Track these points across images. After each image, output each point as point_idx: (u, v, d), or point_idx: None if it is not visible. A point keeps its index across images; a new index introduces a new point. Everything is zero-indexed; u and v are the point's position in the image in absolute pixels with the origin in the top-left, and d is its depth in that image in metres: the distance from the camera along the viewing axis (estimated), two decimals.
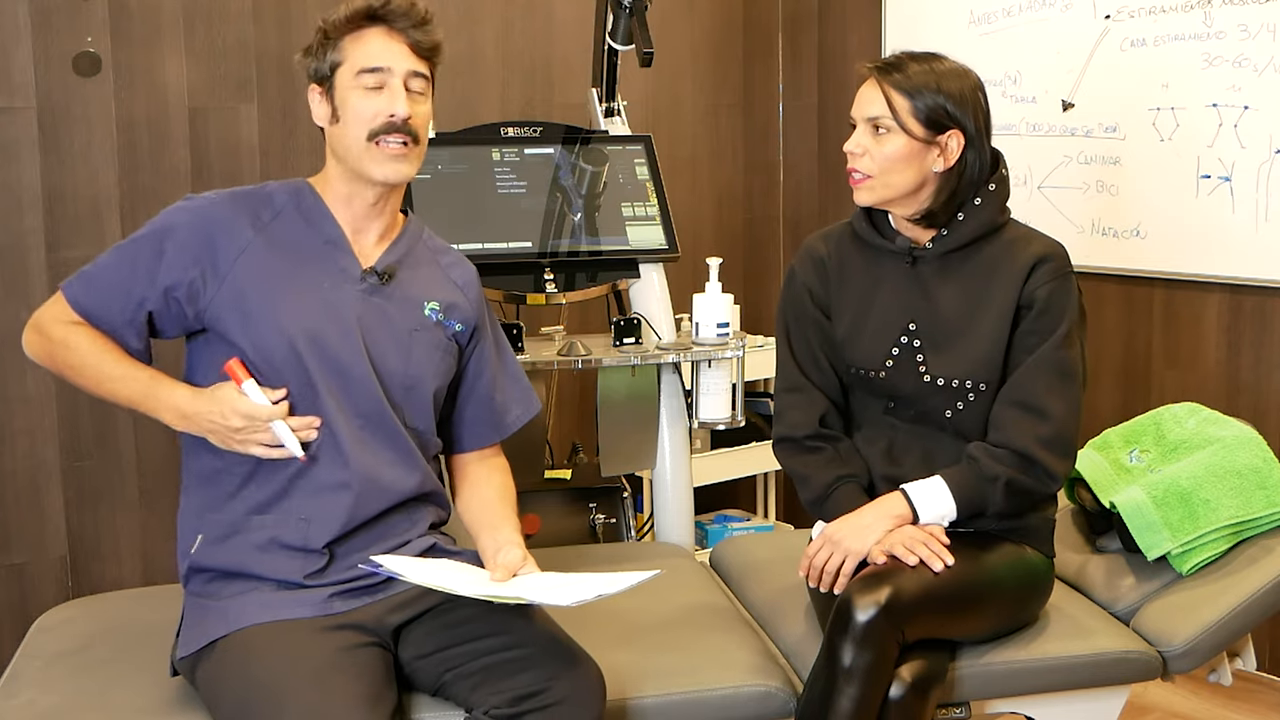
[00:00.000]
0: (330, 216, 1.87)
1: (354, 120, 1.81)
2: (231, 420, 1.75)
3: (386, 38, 1.82)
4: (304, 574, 1.78)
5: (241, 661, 1.70)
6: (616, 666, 1.85)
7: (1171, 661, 2.04)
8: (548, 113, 3.47)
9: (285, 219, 1.86)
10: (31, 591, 2.94)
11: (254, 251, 1.81)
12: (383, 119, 1.80)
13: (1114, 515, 2.17)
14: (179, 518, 1.86)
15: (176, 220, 1.83)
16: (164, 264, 1.80)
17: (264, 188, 1.89)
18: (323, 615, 1.76)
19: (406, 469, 1.87)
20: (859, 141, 1.99)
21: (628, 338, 2.63)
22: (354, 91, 1.81)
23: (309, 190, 1.89)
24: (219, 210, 1.83)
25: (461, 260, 2.03)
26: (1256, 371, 2.93)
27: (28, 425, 2.91)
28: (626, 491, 2.79)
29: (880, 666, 1.81)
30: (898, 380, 2.04)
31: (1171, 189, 3.01)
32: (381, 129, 1.80)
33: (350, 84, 1.81)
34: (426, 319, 1.90)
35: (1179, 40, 2.96)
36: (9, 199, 2.86)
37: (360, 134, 1.81)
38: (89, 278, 1.84)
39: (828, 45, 3.90)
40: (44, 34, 2.86)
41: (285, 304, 1.80)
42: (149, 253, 1.81)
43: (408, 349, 1.88)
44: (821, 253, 2.12)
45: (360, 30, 1.82)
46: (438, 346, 1.91)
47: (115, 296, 1.81)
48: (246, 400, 1.75)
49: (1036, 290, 1.98)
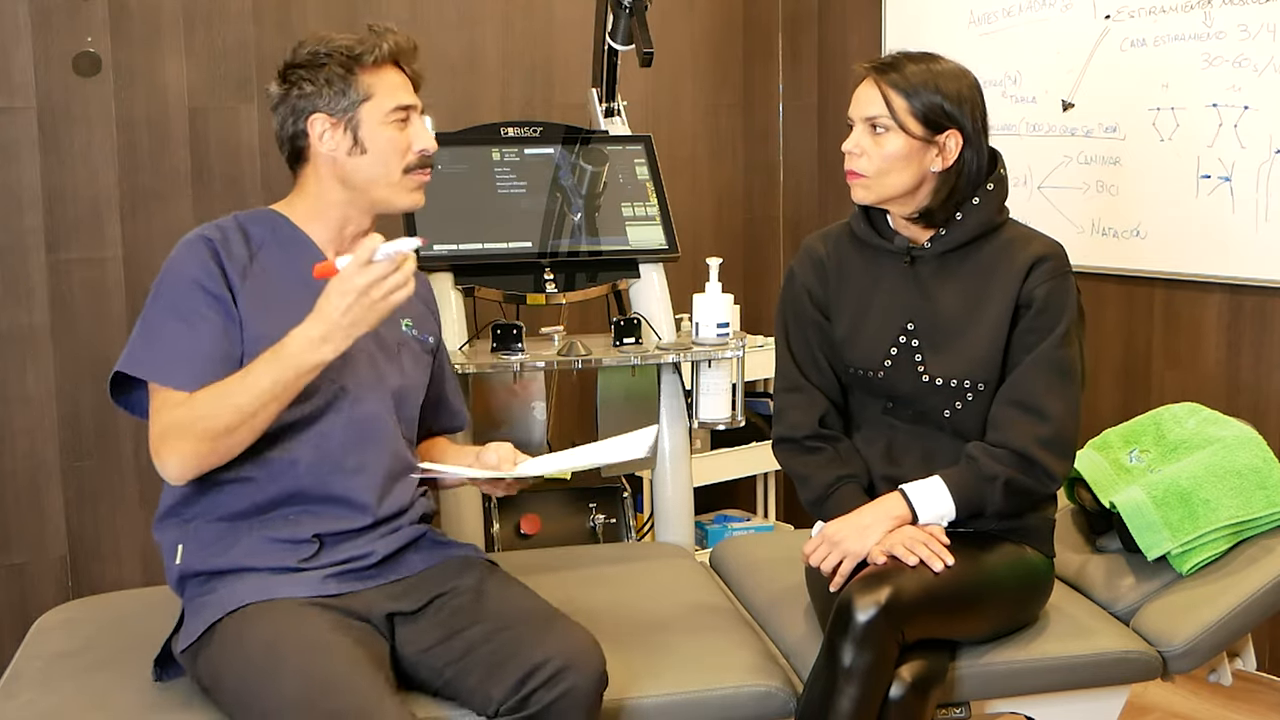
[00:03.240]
0: (312, 245, 1.90)
1: (390, 154, 1.87)
2: (369, 292, 1.67)
3: (402, 76, 1.90)
4: (297, 560, 1.81)
5: (237, 640, 1.71)
6: (616, 666, 1.85)
7: (1171, 661, 2.04)
8: (548, 113, 3.47)
9: (267, 251, 1.88)
10: (31, 591, 2.94)
11: (253, 278, 1.84)
12: (416, 154, 1.89)
13: (1114, 515, 2.17)
14: (156, 533, 1.87)
15: (185, 269, 1.82)
16: (209, 297, 1.79)
17: (233, 221, 1.89)
18: (318, 596, 1.78)
19: (403, 478, 1.93)
20: (857, 141, 1.99)
21: (628, 338, 2.63)
22: (387, 127, 1.86)
23: (284, 221, 1.91)
24: (210, 242, 1.83)
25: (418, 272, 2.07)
26: (1256, 371, 2.93)
27: (28, 425, 2.91)
28: (626, 491, 2.79)
29: (880, 667, 1.81)
30: (896, 380, 2.04)
31: (1171, 189, 3.01)
32: (417, 163, 1.89)
33: (381, 119, 1.86)
34: (405, 335, 1.98)
35: (1179, 40, 2.96)
36: (9, 199, 2.86)
37: (395, 167, 1.87)
38: (176, 354, 1.77)
39: (828, 45, 3.90)
40: (44, 34, 2.86)
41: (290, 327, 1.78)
42: (189, 298, 1.79)
43: (400, 363, 1.95)
44: (820, 253, 2.13)
45: (380, 68, 1.87)
46: (419, 360, 2.01)
47: (210, 350, 1.78)
48: (355, 269, 1.67)
49: (1035, 290, 1.98)
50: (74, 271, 2.94)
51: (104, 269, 2.97)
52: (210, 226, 1.87)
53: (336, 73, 1.85)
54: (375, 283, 1.67)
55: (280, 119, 1.89)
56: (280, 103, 1.88)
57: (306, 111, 1.86)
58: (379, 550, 1.85)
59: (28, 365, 2.90)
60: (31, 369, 2.90)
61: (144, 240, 3.00)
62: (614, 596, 2.18)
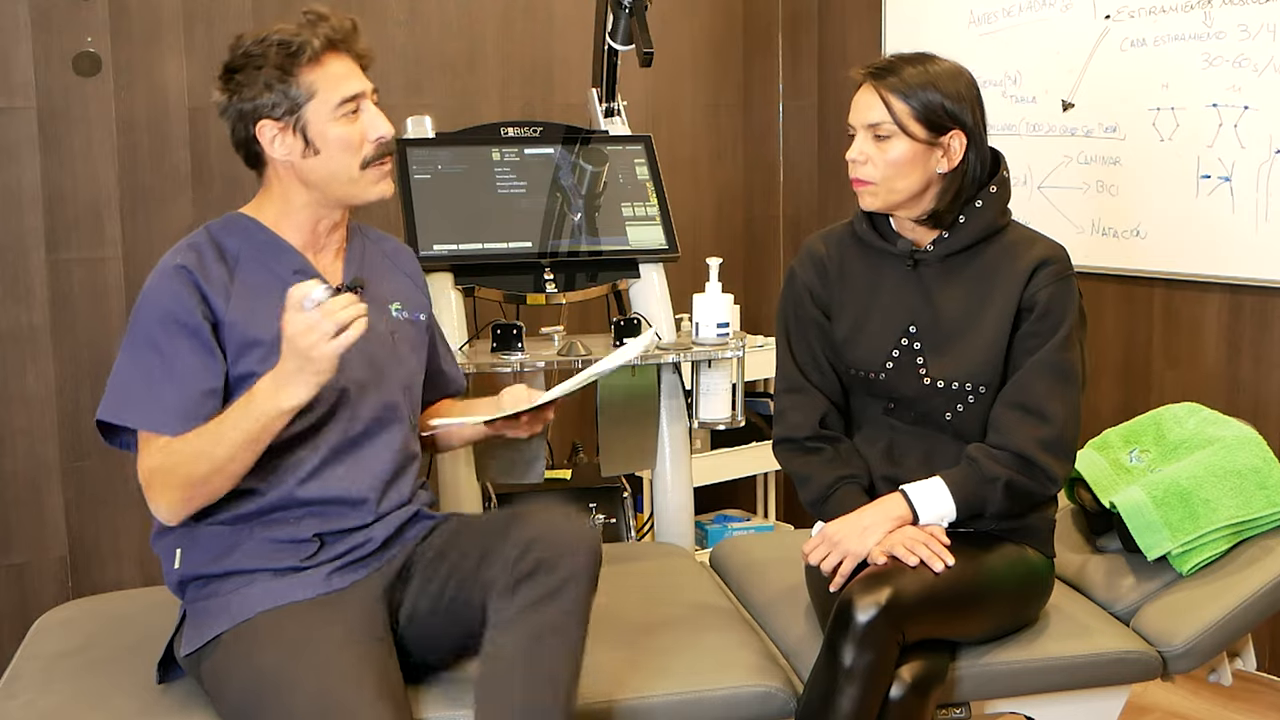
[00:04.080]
0: (289, 247, 1.85)
1: (342, 151, 1.79)
2: (299, 341, 1.60)
3: (346, 62, 1.81)
4: (299, 559, 1.80)
5: (246, 653, 1.71)
6: (617, 666, 1.85)
7: (1171, 661, 2.04)
8: (548, 113, 3.47)
9: (246, 263, 1.82)
10: (31, 591, 2.94)
11: (237, 296, 1.79)
12: (372, 145, 1.81)
13: (1114, 515, 2.17)
14: (154, 539, 1.85)
15: (159, 303, 1.76)
16: (185, 331, 1.74)
17: (206, 236, 1.83)
18: (324, 595, 1.78)
19: (407, 471, 1.92)
20: (861, 149, 1.98)
21: (628, 338, 2.63)
22: (335, 123, 1.78)
23: (256, 225, 1.85)
24: (185, 271, 1.77)
25: (400, 245, 2.07)
26: (1256, 371, 2.93)
27: (28, 425, 2.91)
28: (626, 491, 2.79)
29: (880, 667, 1.81)
30: (898, 382, 2.04)
31: (1171, 189, 3.00)
32: (375, 154, 1.81)
33: (328, 116, 1.78)
34: (397, 319, 1.95)
35: (1179, 40, 2.96)
36: (9, 199, 2.86)
37: (352, 163, 1.80)
38: (155, 399, 1.73)
39: (828, 45, 3.90)
40: (44, 34, 2.86)
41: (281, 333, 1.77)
42: (165, 336, 1.74)
43: (395, 352, 1.92)
44: (822, 253, 2.12)
45: (319, 61, 1.78)
46: (414, 342, 1.98)
47: (190, 389, 1.74)
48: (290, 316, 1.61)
49: (1038, 293, 1.98)
50: (74, 271, 2.94)
51: (104, 269, 2.97)
52: (184, 249, 1.80)
53: (274, 75, 1.77)
54: (301, 331, 1.60)
55: (230, 125, 1.83)
56: (225, 110, 1.82)
57: (252, 118, 1.79)
58: (377, 536, 1.85)
59: (28, 365, 2.90)
60: (31, 369, 2.90)
61: (144, 240, 3.00)
62: (614, 596, 2.18)
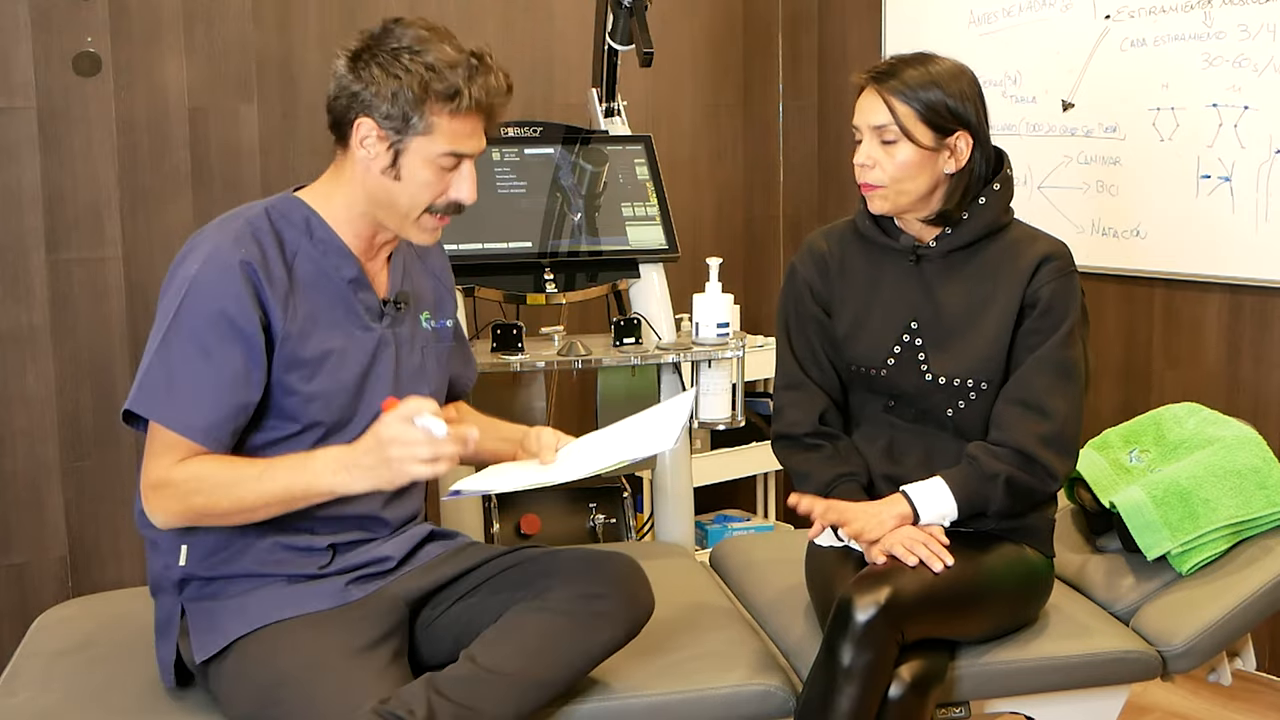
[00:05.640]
0: (347, 252, 1.79)
1: (419, 189, 1.73)
2: (389, 448, 1.59)
3: (478, 124, 1.75)
4: (316, 566, 1.79)
5: (263, 661, 1.69)
6: (616, 666, 1.85)
7: (1171, 661, 2.04)
8: (548, 113, 3.47)
9: (301, 261, 1.76)
10: (31, 591, 2.94)
11: (295, 309, 1.73)
12: (447, 200, 1.76)
13: (1114, 515, 2.17)
14: (145, 529, 1.78)
15: (215, 299, 1.67)
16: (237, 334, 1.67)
17: (266, 222, 1.74)
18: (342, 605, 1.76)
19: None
20: (868, 153, 1.98)
21: (628, 338, 2.63)
22: (430, 165, 1.72)
23: (317, 220, 1.78)
24: (250, 268, 1.69)
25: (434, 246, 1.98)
26: (1256, 371, 2.93)
27: (28, 425, 2.91)
28: (626, 491, 2.79)
29: (880, 666, 1.81)
30: (899, 379, 2.04)
31: (1171, 189, 3.00)
32: (443, 208, 1.76)
33: (429, 156, 1.71)
34: (425, 331, 1.91)
35: (1179, 40, 2.96)
36: (9, 199, 2.86)
37: (419, 203, 1.74)
38: (194, 402, 1.65)
39: (828, 45, 3.89)
40: (44, 34, 2.86)
41: (331, 350, 1.76)
42: (215, 334, 1.66)
43: (423, 368, 1.89)
44: (823, 249, 2.12)
45: (460, 111, 1.71)
46: (440, 354, 1.94)
47: (230, 399, 1.67)
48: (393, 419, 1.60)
49: (1040, 290, 1.98)
50: (74, 271, 2.94)
51: (104, 269, 2.97)
52: (245, 236, 1.70)
53: (407, 94, 1.68)
54: (399, 442, 1.59)
55: (334, 93, 1.73)
56: (340, 79, 1.72)
57: (360, 108, 1.71)
58: (394, 555, 1.84)
59: (28, 365, 2.90)
60: (31, 369, 2.90)
61: (144, 240, 3.00)
62: None
